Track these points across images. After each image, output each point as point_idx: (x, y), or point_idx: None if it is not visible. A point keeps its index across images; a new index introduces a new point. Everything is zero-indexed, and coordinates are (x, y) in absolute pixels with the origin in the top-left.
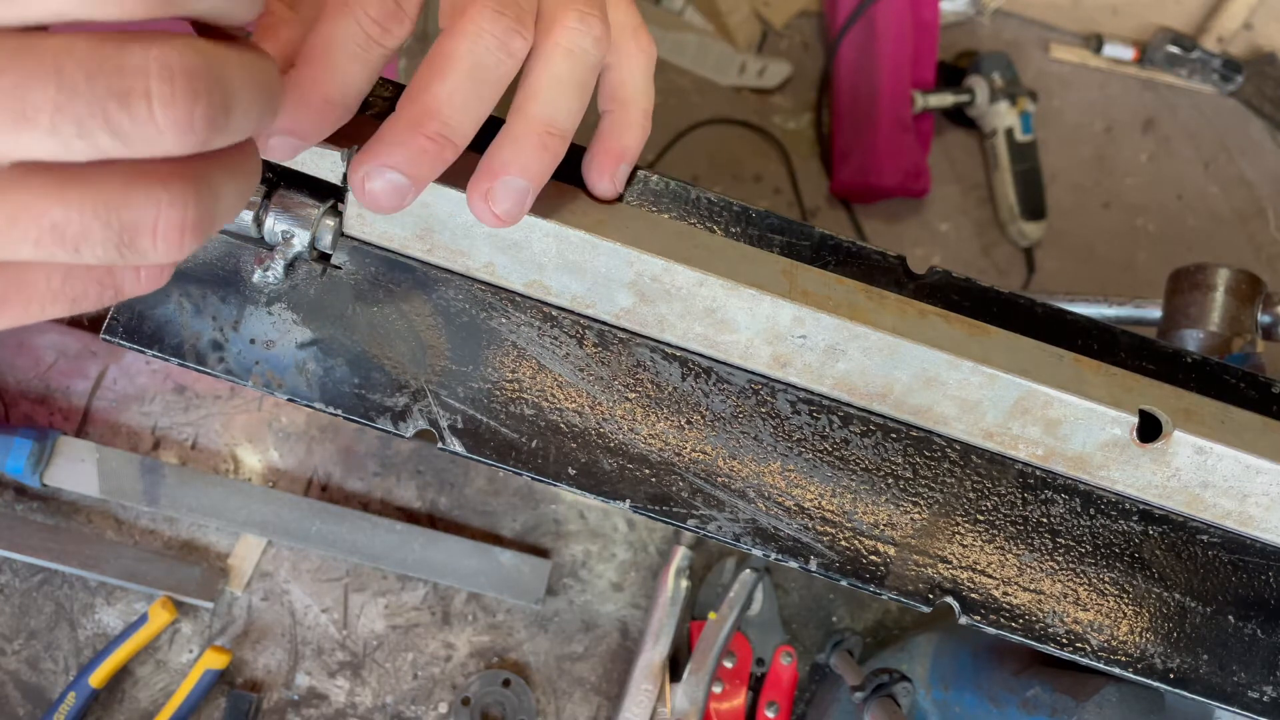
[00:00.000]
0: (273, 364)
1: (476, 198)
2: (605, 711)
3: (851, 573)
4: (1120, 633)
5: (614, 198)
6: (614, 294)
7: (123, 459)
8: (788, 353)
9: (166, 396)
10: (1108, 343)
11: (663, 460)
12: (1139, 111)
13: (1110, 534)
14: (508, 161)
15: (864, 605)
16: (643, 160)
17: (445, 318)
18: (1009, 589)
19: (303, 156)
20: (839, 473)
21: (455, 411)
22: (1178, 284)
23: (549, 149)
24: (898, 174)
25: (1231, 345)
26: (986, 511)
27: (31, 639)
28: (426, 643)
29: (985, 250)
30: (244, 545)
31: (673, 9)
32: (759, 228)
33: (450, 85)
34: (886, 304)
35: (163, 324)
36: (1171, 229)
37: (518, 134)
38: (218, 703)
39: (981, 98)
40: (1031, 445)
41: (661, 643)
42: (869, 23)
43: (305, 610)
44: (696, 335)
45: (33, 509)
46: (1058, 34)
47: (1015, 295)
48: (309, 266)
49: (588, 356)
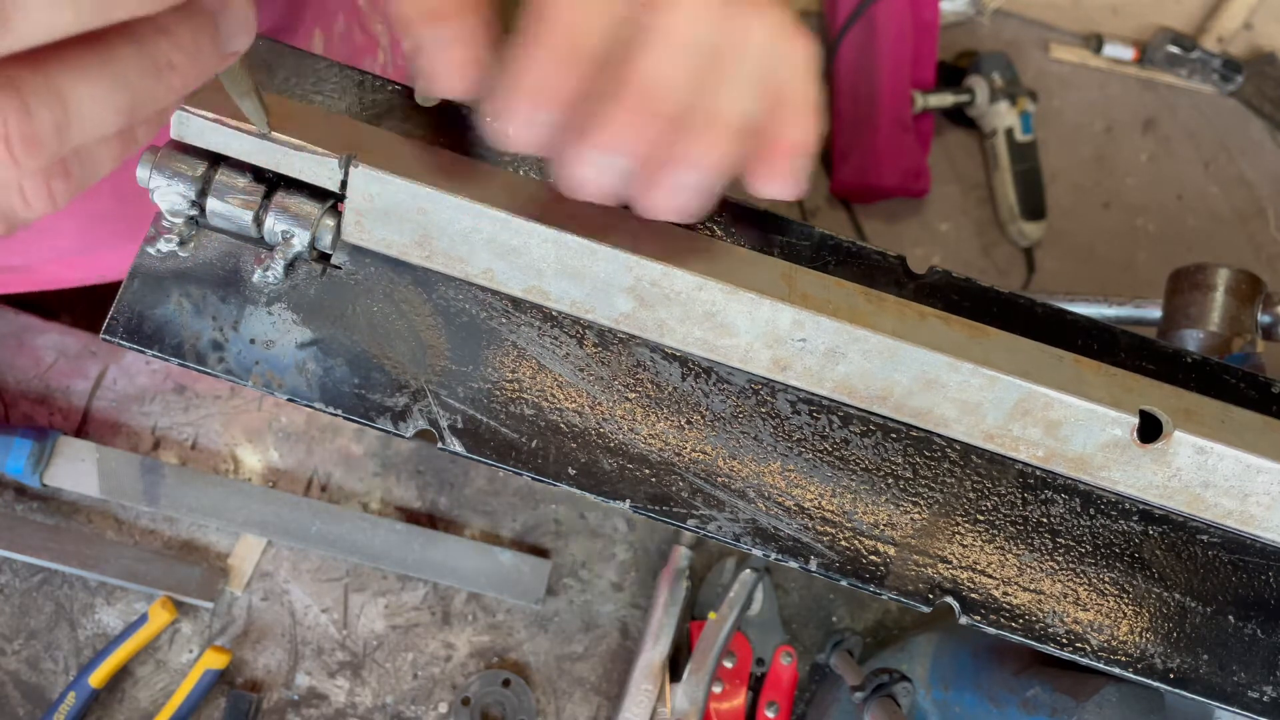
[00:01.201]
0: (273, 364)
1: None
2: (605, 711)
3: (851, 573)
4: (1120, 633)
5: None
6: (613, 299)
7: (123, 459)
8: (788, 356)
9: (166, 396)
10: (1108, 343)
11: (663, 460)
12: (1139, 111)
13: (1110, 534)
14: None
15: (864, 605)
16: None
17: (445, 318)
18: (1009, 589)
19: (302, 162)
20: (839, 473)
21: (455, 411)
22: (1178, 284)
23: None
24: (898, 174)
25: (1231, 345)
26: (986, 511)
27: (31, 639)
28: (426, 643)
29: (985, 250)
30: (244, 545)
31: None
32: (759, 228)
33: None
34: (886, 306)
35: (163, 324)
36: (1171, 229)
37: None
38: (218, 703)
39: (981, 98)
40: (1032, 447)
41: (661, 643)
42: (869, 23)
43: (305, 610)
44: (696, 339)
45: (33, 509)
46: (1058, 34)
47: (1015, 295)
48: (309, 266)
49: (588, 356)
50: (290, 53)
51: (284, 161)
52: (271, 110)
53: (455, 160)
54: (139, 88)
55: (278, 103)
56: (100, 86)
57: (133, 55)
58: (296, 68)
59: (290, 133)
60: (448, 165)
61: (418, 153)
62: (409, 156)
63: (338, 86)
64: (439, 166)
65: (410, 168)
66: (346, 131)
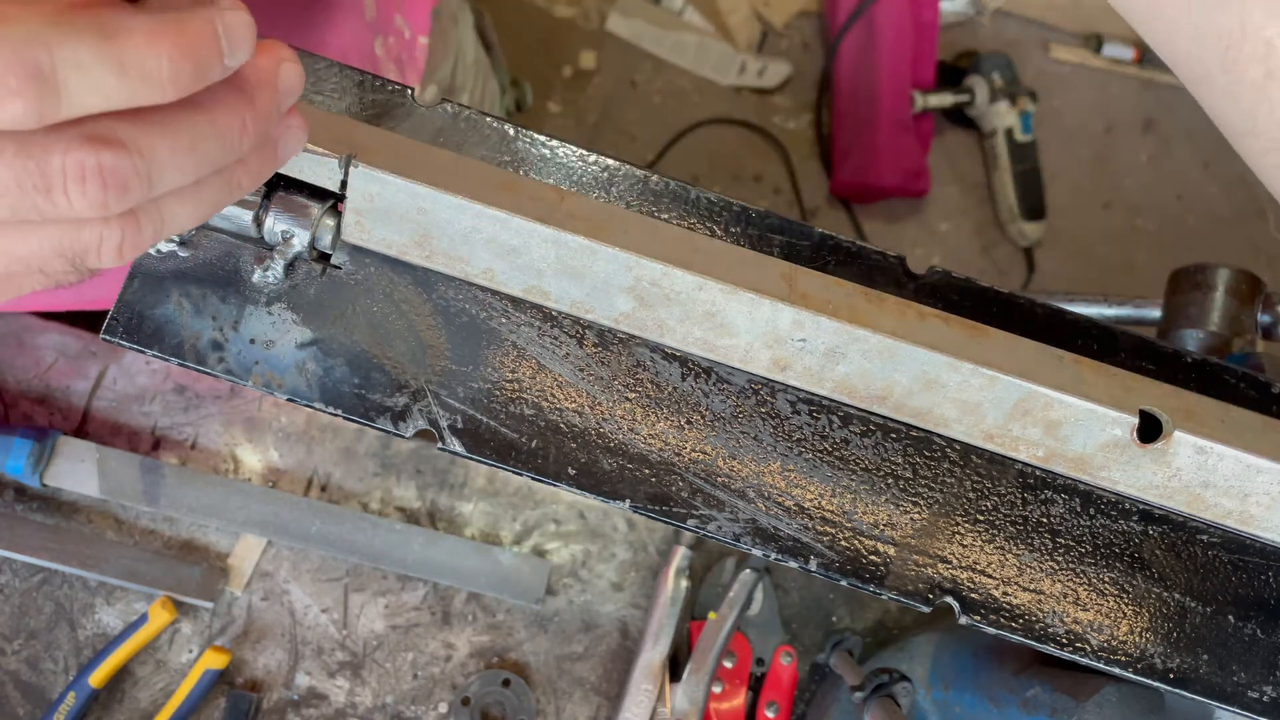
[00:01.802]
0: (273, 364)
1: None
2: (605, 711)
3: (851, 573)
4: (1120, 633)
5: None
6: (613, 299)
7: (123, 459)
8: (787, 356)
9: (166, 396)
10: (1108, 343)
11: (663, 460)
12: (1139, 111)
13: (1110, 534)
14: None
15: (864, 605)
16: (643, 160)
17: (445, 318)
18: (1009, 589)
19: (302, 162)
20: (839, 473)
21: (455, 411)
22: (1178, 284)
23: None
24: (898, 174)
25: (1231, 345)
26: (986, 511)
27: (31, 639)
28: (426, 643)
29: (985, 250)
30: (244, 545)
31: (673, 9)
32: (759, 228)
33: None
34: (886, 306)
35: (163, 324)
36: (1171, 229)
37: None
38: (218, 703)
39: (981, 98)
40: (1032, 446)
41: (661, 643)
42: (869, 23)
43: (305, 610)
44: (696, 339)
45: (33, 509)
46: (1058, 34)
47: (1015, 295)
48: (309, 266)
49: (588, 356)
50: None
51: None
52: None
53: (456, 159)
54: (208, 150)
55: None
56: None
57: (204, 123)
58: None
59: None
60: (448, 165)
61: (418, 152)
62: (409, 156)
63: (338, 86)
64: (439, 166)
65: (410, 168)
66: (346, 131)
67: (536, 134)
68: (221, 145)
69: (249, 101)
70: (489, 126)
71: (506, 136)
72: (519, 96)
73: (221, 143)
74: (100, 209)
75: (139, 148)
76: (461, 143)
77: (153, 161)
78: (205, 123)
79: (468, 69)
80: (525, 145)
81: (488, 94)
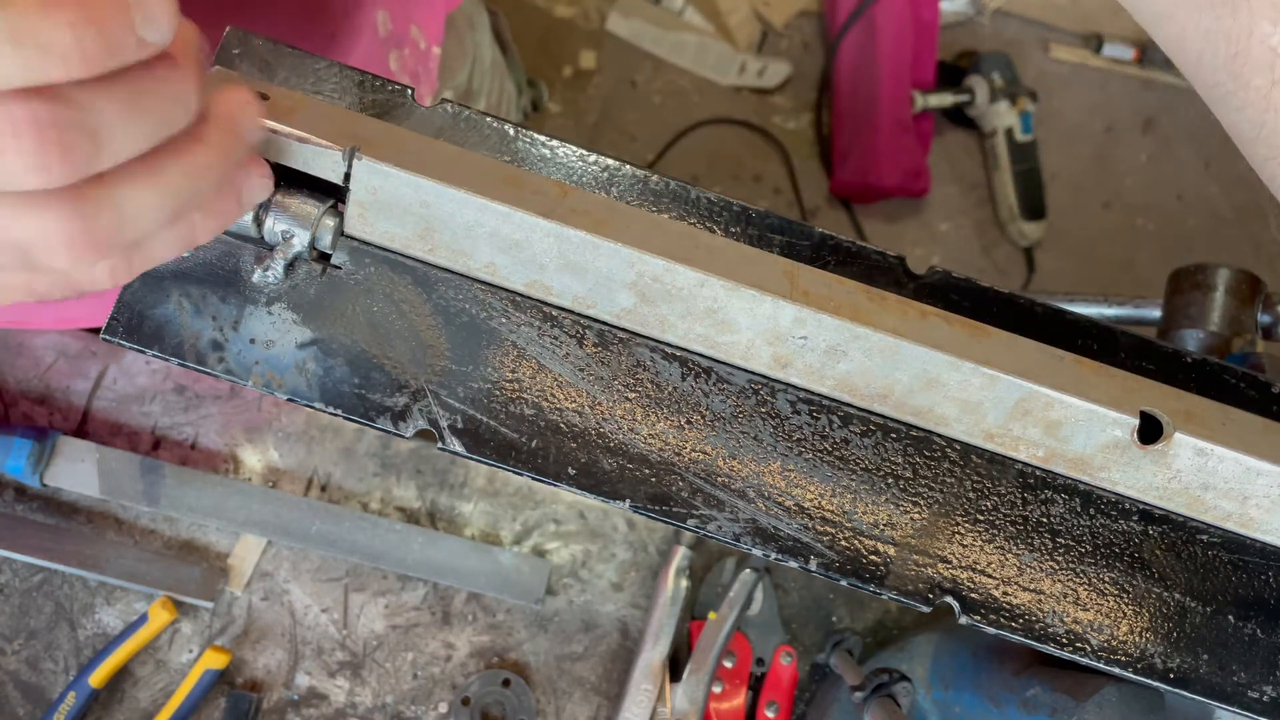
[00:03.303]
0: (273, 364)
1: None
2: (605, 711)
3: (851, 573)
4: (1120, 633)
5: None
6: (615, 294)
7: (123, 459)
8: (788, 353)
9: (166, 396)
10: (1108, 343)
11: (663, 460)
12: (1139, 111)
13: (1110, 534)
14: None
15: (864, 605)
16: (643, 160)
17: (445, 317)
18: (1009, 589)
19: (305, 154)
20: (839, 473)
21: (455, 411)
22: (1178, 284)
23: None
24: (898, 174)
25: (1231, 345)
26: (986, 511)
27: (31, 639)
28: (426, 643)
29: (985, 250)
30: (244, 545)
31: (673, 9)
32: (759, 228)
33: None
34: (888, 305)
35: (163, 324)
36: (1171, 229)
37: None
38: (218, 703)
39: (981, 98)
40: (1032, 447)
41: (661, 643)
42: (869, 23)
43: (305, 610)
44: (697, 336)
45: (33, 509)
46: (1058, 34)
47: (1015, 295)
48: (309, 266)
49: (588, 356)
50: (290, 53)
51: (287, 153)
52: (274, 103)
53: (459, 154)
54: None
55: (281, 95)
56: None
57: (174, 166)
58: (296, 68)
59: (293, 125)
60: (451, 159)
61: (421, 146)
62: (412, 150)
63: (338, 86)
64: (443, 160)
65: (414, 161)
66: (350, 124)
67: (536, 134)
68: (177, 107)
69: (185, 77)
70: (488, 126)
71: (506, 136)
72: (535, 96)
73: (177, 105)
74: (42, 171)
75: (80, 102)
76: (461, 142)
77: (98, 116)
78: (149, 78)
79: (485, 72)
80: (525, 145)
81: (504, 96)
